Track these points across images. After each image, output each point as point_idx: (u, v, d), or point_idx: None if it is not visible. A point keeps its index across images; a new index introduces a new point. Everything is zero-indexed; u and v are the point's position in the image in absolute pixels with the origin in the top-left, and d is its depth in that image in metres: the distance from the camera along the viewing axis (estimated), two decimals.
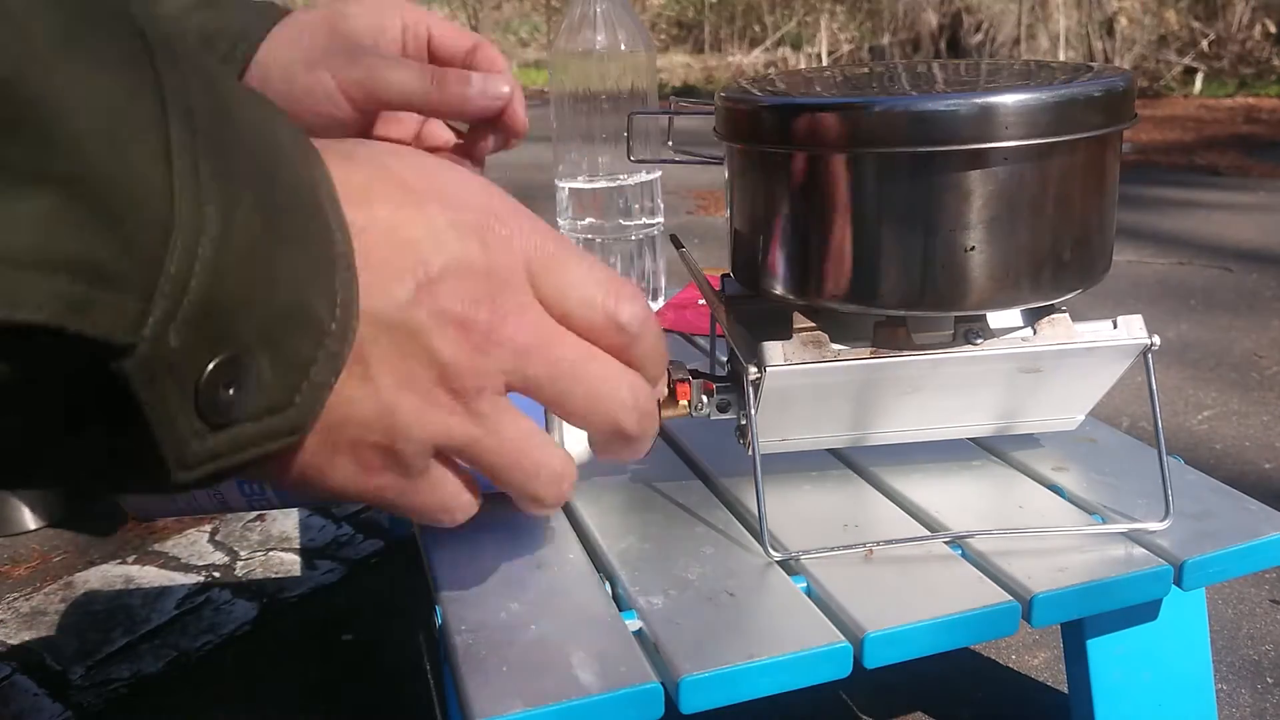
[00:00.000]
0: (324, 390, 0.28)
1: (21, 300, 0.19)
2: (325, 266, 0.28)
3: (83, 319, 0.20)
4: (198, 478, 0.26)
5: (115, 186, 0.21)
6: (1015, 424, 0.51)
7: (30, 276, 0.19)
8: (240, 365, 0.25)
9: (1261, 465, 0.96)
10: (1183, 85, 4.40)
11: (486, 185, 0.34)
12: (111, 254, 0.21)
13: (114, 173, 0.21)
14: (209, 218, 0.23)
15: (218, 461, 0.26)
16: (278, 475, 0.31)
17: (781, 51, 6.11)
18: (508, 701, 0.35)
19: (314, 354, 0.27)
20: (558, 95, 0.82)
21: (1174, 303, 1.48)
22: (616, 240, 0.83)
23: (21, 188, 0.19)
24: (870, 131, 0.40)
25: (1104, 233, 0.44)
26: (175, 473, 0.25)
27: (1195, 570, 0.43)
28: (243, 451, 0.27)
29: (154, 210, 0.22)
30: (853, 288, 0.43)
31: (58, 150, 0.20)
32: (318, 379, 0.28)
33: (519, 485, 0.35)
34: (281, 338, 0.26)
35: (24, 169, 0.20)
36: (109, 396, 0.23)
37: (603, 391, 0.34)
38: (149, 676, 0.68)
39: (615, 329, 0.34)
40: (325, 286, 0.28)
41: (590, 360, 0.34)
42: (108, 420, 0.24)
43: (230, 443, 0.26)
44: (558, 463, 0.35)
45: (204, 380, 0.24)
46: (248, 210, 0.24)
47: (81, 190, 0.20)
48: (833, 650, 0.38)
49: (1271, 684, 0.64)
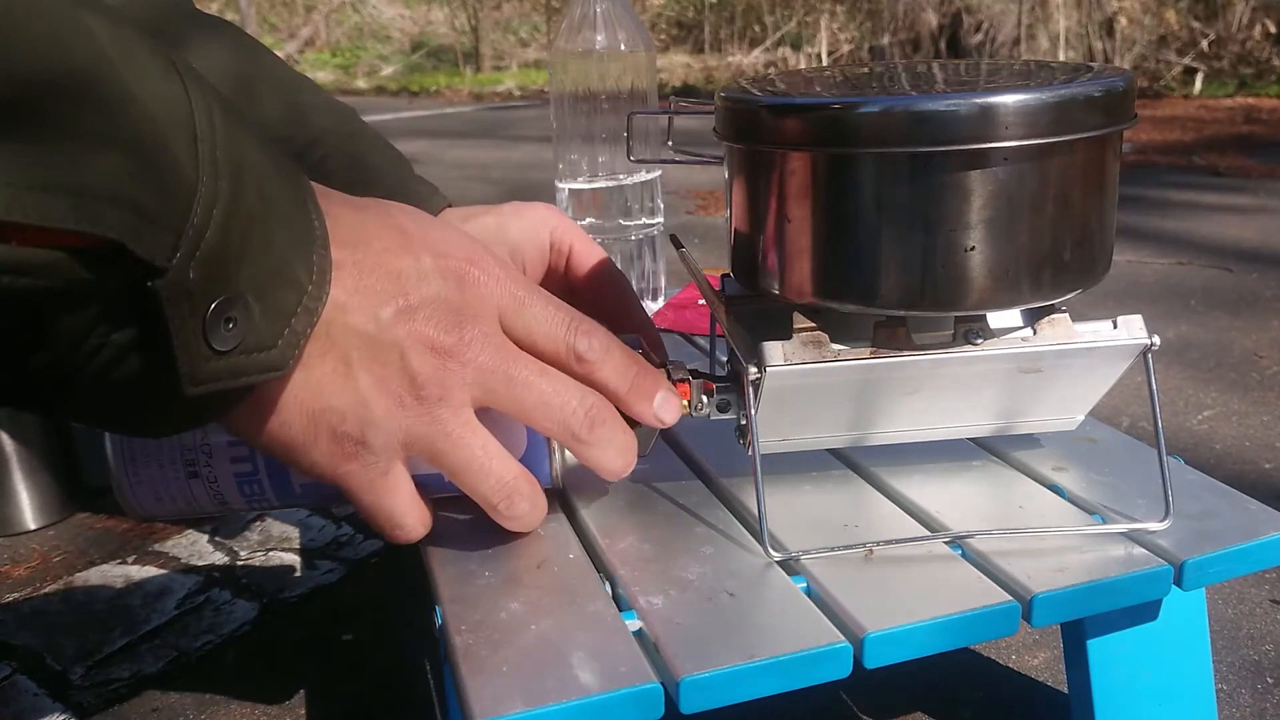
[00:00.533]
0: (301, 338, 0.35)
1: (103, 221, 0.27)
2: (306, 243, 0.35)
3: (138, 242, 0.28)
4: (202, 394, 0.32)
5: (162, 155, 0.29)
6: (1015, 424, 0.51)
7: (107, 207, 0.27)
8: (239, 304, 0.32)
9: (1261, 465, 0.96)
10: (1183, 85, 4.40)
11: (473, 241, 0.42)
12: (156, 202, 0.28)
13: (161, 146, 0.29)
14: (222, 190, 0.30)
15: (219, 383, 0.32)
16: (273, 443, 0.38)
17: (781, 51, 6.11)
18: (508, 701, 0.35)
19: (294, 307, 0.34)
20: (558, 95, 0.82)
21: (1174, 303, 1.48)
22: (616, 240, 0.83)
23: (100, 147, 0.27)
24: (870, 131, 0.40)
25: (1104, 233, 0.44)
26: (186, 387, 0.31)
27: (1195, 570, 0.43)
28: (235, 379, 0.33)
29: (185, 177, 0.29)
30: (853, 288, 0.43)
31: (125, 124, 0.28)
32: (297, 327, 0.35)
33: (471, 486, 0.41)
34: (271, 289, 0.33)
35: (104, 134, 0.27)
36: (136, 321, 0.30)
37: (553, 401, 0.41)
38: (149, 676, 0.68)
39: (575, 358, 0.42)
40: (304, 257, 0.35)
41: (542, 375, 0.41)
42: (133, 345, 0.31)
43: (228, 369, 0.32)
44: (508, 474, 0.41)
45: (211, 312, 0.31)
46: (251, 191, 0.32)
47: (139, 155, 0.28)
48: (833, 650, 0.38)
49: (1271, 684, 0.64)
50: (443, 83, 6.41)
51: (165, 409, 0.34)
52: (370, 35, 8.28)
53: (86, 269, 0.28)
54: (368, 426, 0.38)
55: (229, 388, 0.33)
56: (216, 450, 0.45)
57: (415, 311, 0.38)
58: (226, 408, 0.36)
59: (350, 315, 0.37)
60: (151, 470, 0.45)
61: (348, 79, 6.90)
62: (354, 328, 0.37)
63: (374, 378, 0.38)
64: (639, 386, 0.43)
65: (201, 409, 0.35)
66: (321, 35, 8.36)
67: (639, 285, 0.85)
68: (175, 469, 0.45)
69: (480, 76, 6.69)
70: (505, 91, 5.90)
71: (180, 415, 0.34)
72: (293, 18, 8.52)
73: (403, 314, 0.38)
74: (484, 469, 0.41)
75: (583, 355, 0.42)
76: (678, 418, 0.45)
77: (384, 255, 0.38)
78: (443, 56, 7.47)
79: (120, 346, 0.30)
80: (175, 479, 0.45)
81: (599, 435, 0.42)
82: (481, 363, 0.39)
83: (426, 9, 8.38)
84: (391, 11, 8.54)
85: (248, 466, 0.45)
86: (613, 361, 0.43)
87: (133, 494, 0.46)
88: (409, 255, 0.39)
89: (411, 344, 0.38)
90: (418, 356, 0.38)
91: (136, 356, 0.31)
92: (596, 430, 0.42)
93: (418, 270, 0.38)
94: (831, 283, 0.43)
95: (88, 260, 0.28)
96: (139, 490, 0.45)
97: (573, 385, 0.42)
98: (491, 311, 0.40)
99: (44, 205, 0.26)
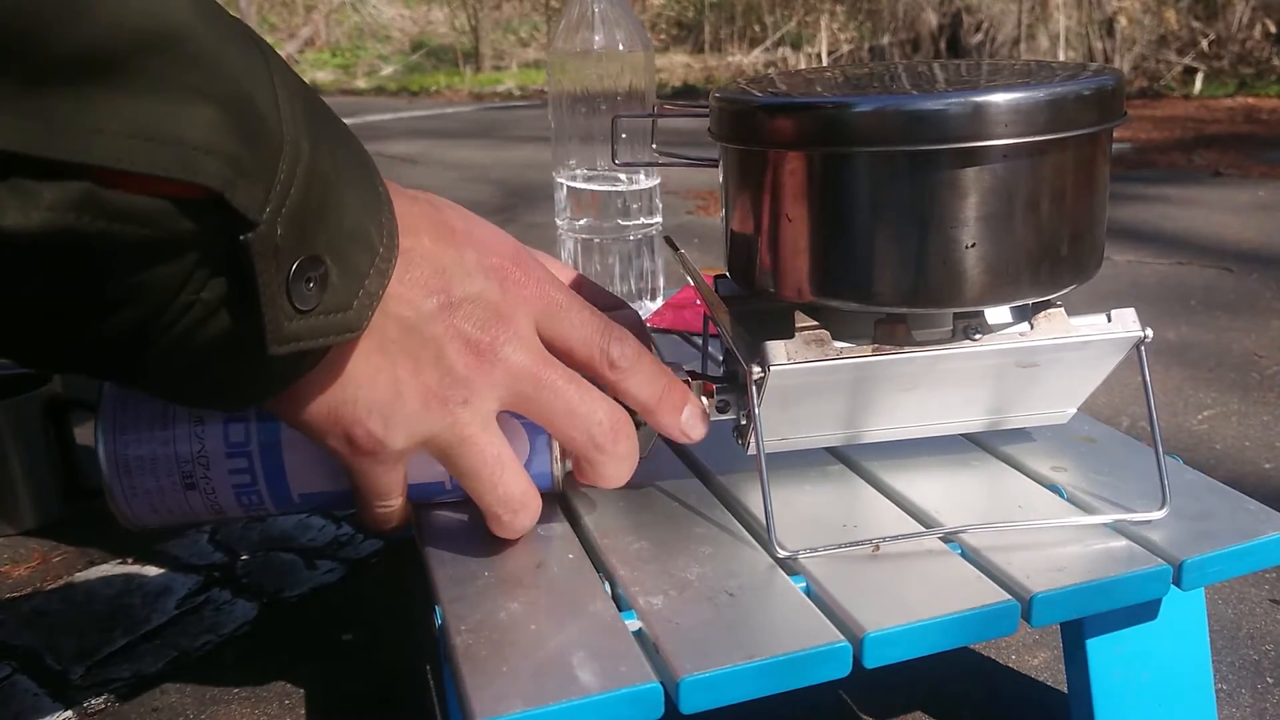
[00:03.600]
0: (375, 299, 0.35)
1: (202, 171, 0.28)
2: (375, 206, 0.35)
3: (234, 193, 0.29)
4: (284, 353, 0.33)
5: (251, 110, 0.29)
6: (1008, 419, 0.52)
7: (204, 157, 0.28)
8: (319, 265, 0.32)
9: (1261, 465, 0.95)
10: (1183, 85, 4.40)
11: (517, 243, 0.42)
12: (247, 156, 0.29)
13: (249, 103, 0.29)
14: (303, 149, 0.31)
15: (298, 343, 0.33)
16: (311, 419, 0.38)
17: (781, 51, 6.11)
18: (508, 701, 0.35)
19: (368, 269, 0.35)
20: (556, 95, 0.82)
21: (1174, 303, 1.48)
22: (615, 240, 0.83)
23: (196, 101, 0.28)
24: (870, 131, 0.40)
25: (1096, 229, 0.45)
26: (270, 345, 0.32)
27: (1194, 570, 0.43)
28: (313, 339, 0.33)
29: (272, 133, 0.30)
30: (854, 286, 0.43)
31: (218, 81, 0.28)
32: (371, 288, 0.35)
33: (477, 494, 0.42)
34: (347, 251, 0.34)
35: (199, 88, 0.28)
36: (227, 275, 0.30)
37: (580, 410, 0.41)
38: (149, 676, 0.68)
39: (609, 365, 0.42)
40: (375, 219, 0.35)
41: (571, 383, 0.41)
42: (221, 302, 0.31)
43: (308, 329, 0.33)
44: (516, 489, 0.42)
45: (294, 271, 0.32)
46: (326, 153, 0.33)
47: (231, 109, 0.29)
48: (832, 650, 0.38)
49: (1271, 684, 0.64)
50: (442, 83, 6.41)
51: (244, 373, 0.34)
52: (370, 35, 8.28)
53: (187, 219, 0.28)
54: (391, 426, 0.38)
55: (308, 348, 0.33)
56: (214, 460, 0.44)
57: (456, 308, 0.38)
58: (298, 375, 0.36)
59: (393, 304, 0.37)
60: (147, 482, 0.44)
61: (348, 79, 6.89)
62: (398, 317, 0.37)
63: (409, 371, 0.38)
64: (668, 398, 0.44)
65: (276, 376, 0.35)
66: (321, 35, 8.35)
67: (638, 285, 0.85)
68: (172, 480, 0.44)
69: (480, 76, 6.69)
70: (505, 91, 5.90)
71: (257, 382, 0.35)
72: (293, 18, 8.52)
73: (444, 309, 0.38)
74: (493, 479, 0.41)
75: (615, 362, 0.42)
76: (705, 433, 0.45)
77: (431, 249, 0.38)
78: (442, 56, 7.47)
79: (209, 303, 0.31)
80: (172, 490, 0.44)
81: (619, 447, 0.42)
82: (514, 363, 0.39)
83: (426, 9, 8.38)
84: (391, 11, 8.54)
85: (246, 478, 0.44)
86: (644, 371, 0.43)
87: (128, 506, 0.45)
88: (454, 250, 0.39)
89: (449, 339, 0.38)
90: (453, 351, 0.38)
91: (225, 313, 0.31)
92: (618, 442, 0.42)
93: (462, 266, 0.39)
94: (832, 281, 0.43)
95: (187, 210, 0.28)
96: (134, 502, 0.45)
97: (599, 395, 0.42)
98: (529, 313, 0.40)
99: (150, 154, 0.26)
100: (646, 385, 0.43)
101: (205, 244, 0.30)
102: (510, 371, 0.39)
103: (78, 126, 0.25)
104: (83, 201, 0.26)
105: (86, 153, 0.25)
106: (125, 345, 0.31)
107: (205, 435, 0.44)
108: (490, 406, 0.40)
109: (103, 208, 0.27)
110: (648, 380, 0.43)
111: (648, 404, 0.43)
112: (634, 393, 0.43)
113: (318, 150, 0.32)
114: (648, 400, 0.43)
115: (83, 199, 0.26)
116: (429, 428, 0.39)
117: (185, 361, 0.33)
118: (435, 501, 0.47)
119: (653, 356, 0.44)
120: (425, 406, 0.38)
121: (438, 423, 0.39)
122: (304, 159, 0.31)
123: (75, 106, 0.25)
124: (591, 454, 0.42)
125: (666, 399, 0.43)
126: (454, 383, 0.39)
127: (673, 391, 0.44)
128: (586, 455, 0.42)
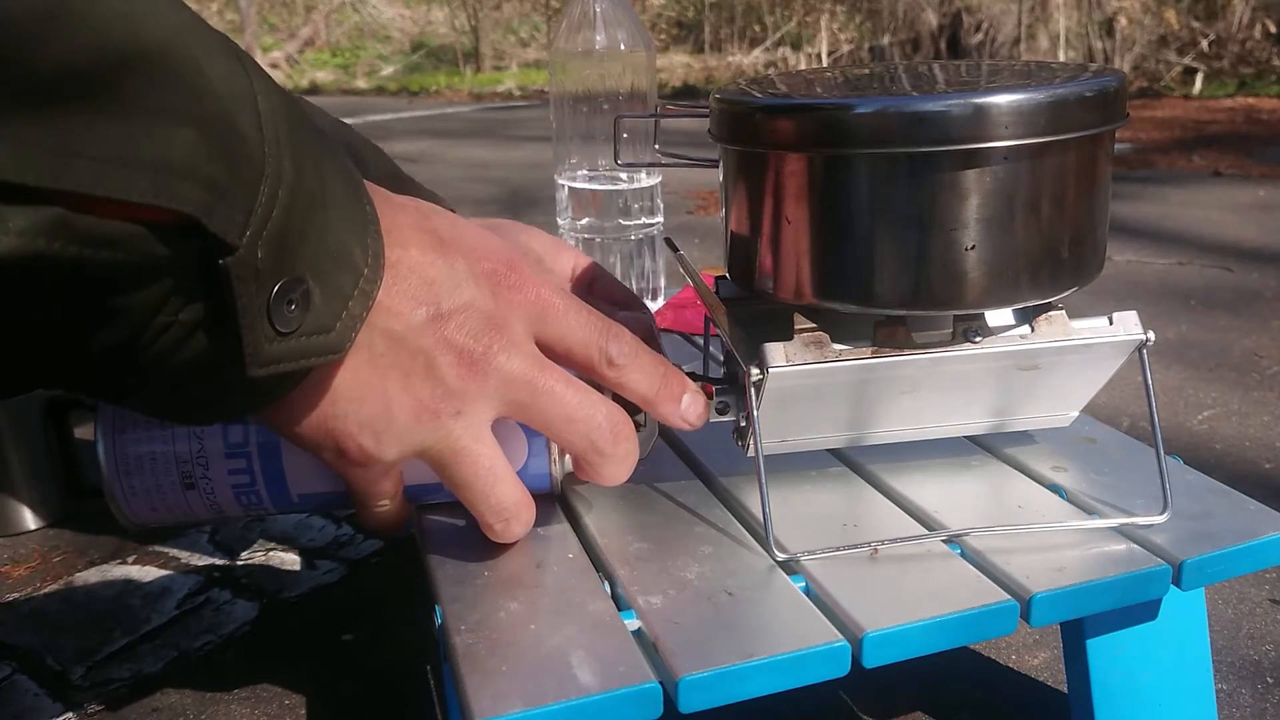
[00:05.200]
0: (359, 320, 0.35)
1: (179, 196, 0.27)
2: (360, 224, 0.35)
3: (211, 218, 0.28)
4: (264, 376, 0.32)
5: (231, 133, 0.29)
6: (1010, 421, 0.51)
7: (182, 182, 0.27)
8: (301, 286, 0.32)
9: (1261, 465, 0.96)
10: (1183, 85, 4.40)
11: (509, 246, 0.41)
12: (228, 179, 0.29)
13: (230, 124, 0.29)
14: (285, 171, 0.31)
15: (278, 365, 0.32)
16: (302, 432, 0.38)
17: (781, 51, 6.11)
18: (508, 701, 0.35)
19: (352, 290, 0.34)
20: (557, 95, 0.82)
21: (1174, 303, 1.48)
22: (616, 240, 0.83)
23: (177, 122, 0.27)
24: (871, 132, 0.40)
25: (1097, 231, 0.44)
26: (250, 368, 0.31)
27: (1194, 570, 0.43)
28: (294, 361, 0.33)
29: (253, 156, 0.30)
30: (854, 288, 0.43)
31: (199, 101, 0.28)
32: (354, 310, 0.35)
33: (471, 504, 0.42)
34: (330, 271, 0.33)
35: (180, 110, 0.27)
36: (205, 298, 0.30)
37: (579, 415, 0.41)
38: (149, 676, 0.68)
39: (607, 363, 0.42)
40: (360, 240, 0.35)
41: (568, 387, 0.40)
42: (200, 324, 0.31)
43: (289, 351, 0.33)
44: (509, 499, 0.42)
45: (275, 293, 0.31)
46: (310, 172, 0.32)
47: (212, 130, 0.28)
48: (831, 650, 0.38)
49: (1271, 684, 0.64)
50: (443, 83, 6.41)
51: (226, 392, 0.34)
52: (370, 35, 8.28)
53: (162, 244, 0.28)
54: (382, 441, 0.38)
55: (289, 370, 0.33)
56: (213, 460, 0.44)
57: (447, 319, 0.38)
58: (281, 394, 0.36)
59: (381, 318, 0.37)
60: (146, 481, 0.44)
61: (348, 79, 6.90)
62: (387, 331, 0.37)
63: (399, 384, 0.38)
64: (666, 389, 0.43)
65: (259, 394, 0.35)
66: (321, 35, 8.35)
67: (639, 285, 0.85)
68: (171, 479, 0.44)
69: (480, 76, 6.69)
70: (505, 91, 5.90)
71: (238, 400, 0.35)
72: (293, 18, 8.52)
73: (434, 320, 0.37)
74: (485, 490, 0.41)
75: (614, 359, 0.42)
76: (705, 419, 0.45)
77: (420, 260, 0.38)
78: (443, 56, 7.47)
79: (187, 325, 0.30)
80: (171, 490, 0.45)
81: (618, 449, 0.42)
82: (508, 371, 0.39)
83: (426, 9, 8.38)
84: (391, 11, 8.54)
85: (244, 478, 0.45)
86: (641, 365, 0.43)
87: (127, 505, 0.45)
88: (444, 260, 0.38)
89: (440, 350, 0.38)
90: (445, 364, 0.38)
91: (202, 335, 0.31)
92: (617, 444, 0.42)
93: (452, 276, 0.38)
94: (832, 283, 0.43)
95: (163, 235, 0.28)
96: (133, 502, 0.45)
97: (598, 397, 0.42)
98: (524, 318, 0.40)
99: (126, 180, 0.26)
100: (645, 379, 0.43)
101: (182, 268, 0.29)
102: (505, 380, 0.39)
103: (52, 150, 0.25)
104: (53, 227, 0.26)
105: (59, 178, 0.25)
106: (106, 365, 0.31)
107: (204, 435, 0.44)
108: (484, 416, 0.40)
109: (74, 233, 0.26)
110: (646, 373, 0.43)
111: (647, 396, 0.43)
112: (633, 387, 0.43)
113: (301, 169, 0.31)
114: (647, 393, 0.43)
115: (53, 224, 0.26)
116: (421, 440, 0.39)
117: (167, 381, 0.32)
118: (434, 501, 0.47)
119: (649, 349, 0.44)
120: (417, 420, 0.38)
121: (430, 435, 0.39)
122: (286, 179, 0.30)
123: (50, 129, 0.25)
124: (591, 457, 0.42)
125: (665, 390, 0.43)
126: (446, 395, 0.38)
127: (671, 382, 0.44)
128: (586, 458, 0.42)
